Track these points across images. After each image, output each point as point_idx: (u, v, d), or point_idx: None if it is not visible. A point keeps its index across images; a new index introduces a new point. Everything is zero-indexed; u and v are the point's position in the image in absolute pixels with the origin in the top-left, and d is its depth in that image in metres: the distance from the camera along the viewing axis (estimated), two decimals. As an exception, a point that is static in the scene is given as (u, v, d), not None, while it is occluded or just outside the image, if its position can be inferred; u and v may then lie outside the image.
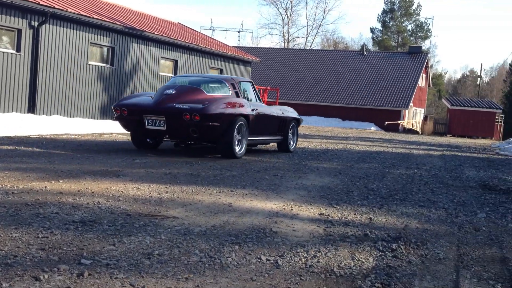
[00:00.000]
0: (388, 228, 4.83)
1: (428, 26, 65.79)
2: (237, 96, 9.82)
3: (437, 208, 6.03)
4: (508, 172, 10.82)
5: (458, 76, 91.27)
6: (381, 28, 67.52)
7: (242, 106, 9.52)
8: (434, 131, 39.51)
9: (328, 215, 5.22)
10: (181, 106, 8.79)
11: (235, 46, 53.07)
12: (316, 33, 67.41)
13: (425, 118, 43.37)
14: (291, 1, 66.94)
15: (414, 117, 41.05)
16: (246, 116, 9.50)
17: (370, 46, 66.48)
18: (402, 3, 65.91)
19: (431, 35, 66.92)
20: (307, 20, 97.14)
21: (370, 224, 4.98)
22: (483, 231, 4.99)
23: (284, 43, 66.11)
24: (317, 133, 23.94)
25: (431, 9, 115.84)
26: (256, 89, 11.01)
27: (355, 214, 5.37)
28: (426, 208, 5.98)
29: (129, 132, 10.17)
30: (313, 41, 68.20)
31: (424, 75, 44.09)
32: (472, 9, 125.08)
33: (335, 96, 39.43)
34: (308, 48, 64.08)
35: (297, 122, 11.89)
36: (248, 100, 10.07)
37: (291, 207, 5.48)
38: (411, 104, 38.09)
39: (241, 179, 7.10)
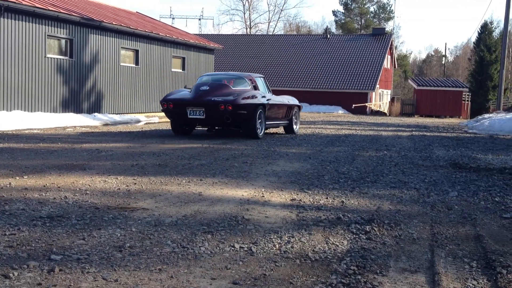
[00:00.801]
0: (361, 211, 4.80)
1: (390, 7, 66.41)
2: (255, 89, 11.97)
3: (409, 188, 6.04)
4: (477, 150, 10.97)
5: (423, 56, 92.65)
6: (343, 11, 67.79)
7: (261, 97, 11.71)
8: (401, 112, 39.99)
9: (300, 200, 5.17)
10: (216, 99, 10.94)
11: (196, 34, 52.58)
12: (278, 18, 67.55)
13: (392, 100, 43.87)
14: (251, -14, 66.62)
15: (381, 99, 41.44)
16: (263, 105, 11.63)
17: (333, 30, 66.75)
18: (364, -15, 66.28)
19: (394, 16, 67.47)
20: (268, 5, 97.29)
21: (342, 207, 4.95)
22: (455, 210, 5.00)
23: (246, 29, 65.82)
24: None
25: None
26: (267, 83, 13.10)
27: (327, 198, 5.33)
28: (397, 189, 5.98)
29: (170, 121, 12.24)
30: (276, 26, 68.21)
31: (389, 57, 44.50)
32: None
33: (301, 80, 39.49)
34: (271, 33, 63.99)
35: (299, 108, 13.95)
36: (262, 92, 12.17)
37: (262, 193, 5.41)
38: (377, 86, 38.42)
39: (210, 168, 7.00)
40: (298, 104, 13.96)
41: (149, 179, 6.00)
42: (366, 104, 37.08)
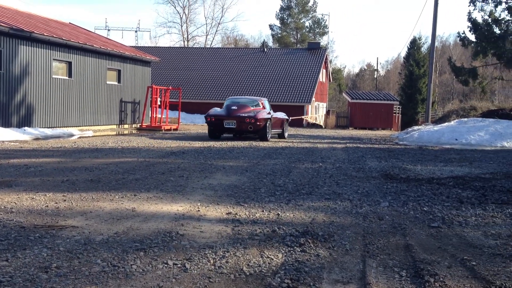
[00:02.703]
0: (296, 223, 4.83)
1: (325, 23, 67.90)
2: (264, 108, 17.37)
3: (343, 200, 6.14)
4: (407, 161, 11.32)
5: (357, 70, 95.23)
6: (280, 25, 68.76)
7: (268, 113, 17.04)
8: (337, 125, 40.83)
9: (236, 214, 5.15)
10: (243, 114, 16.43)
11: (133, 46, 51.86)
12: (216, 31, 67.64)
13: (328, 112, 44.75)
14: (188, 0, 66.49)
15: (317, 111, 42.18)
16: (270, 119, 16.95)
17: (270, 43, 67.55)
18: (299, 0, 67.50)
19: (328, 31, 69.03)
20: (205, 18, 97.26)
21: (278, 220, 4.96)
22: (386, 220, 5.12)
23: (184, 41, 65.55)
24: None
25: (327, 6, 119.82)
26: (269, 103, 18.56)
27: (263, 211, 5.33)
28: (332, 200, 6.07)
29: (208, 129, 17.30)
30: (213, 39, 68.26)
31: (324, 70, 45.43)
32: (366, 6, 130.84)
33: (239, 93, 39.66)
34: (208, 46, 64.03)
35: (287, 120, 19.60)
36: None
37: (198, 208, 5.36)
38: (313, 99, 39.08)
39: (145, 182, 6.87)
40: (287, 118, 19.56)
41: (80, 195, 5.82)
42: (303, 116, 37.63)
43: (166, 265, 3.48)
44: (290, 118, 34.68)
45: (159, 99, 26.46)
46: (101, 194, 5.91)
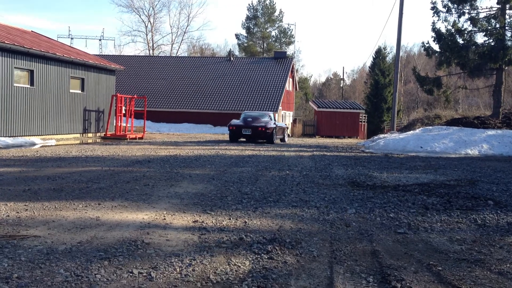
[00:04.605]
0: (263, 231, 4.81)
1: (291, 32, 68.43)
2: (271, 119, 22.63)
3: (310, 207, 6.14)
4: (374, 168, 11.43)
5: (323, 79, 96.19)
6: (246, 35, 68.97)
7: (274, 123, 22.29)
8: (303, 133, 41.06)
9: (203, 222, 5.09)
10: (256, 124, 21.69)
11: (97, 55, 51.22)
12: (182, 40, 67.24)
13: (294, 121, 44.96)
14: (153, 8, 66.28)
15: (284, 120, 42.35)
16: (275, 128, 22.13)
17: (236, 52, 67.64)
18: (265, 10, 67.82)
19: (294, 41, 69.62)
20: (171, 27, 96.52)
21: (245, 228, 4.93)
22: (353, 227, 5.14)
23: (149, 50, 65.04)
24: (189, 139, 23.79)
25: (293, 16, 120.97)
26: (275, 115, 25.68)
27: (229, 219, 5.29)
28: (299, 208, 6.06)
29: (229, 134, 22.45)
30: (179, 48, 67.84)
31: (291, 79, 45.71)
32: (332, 15, 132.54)
33: (206, 102, 39.55)
34: (174, 55, 63.74)
35: (287, 129, 26.02)
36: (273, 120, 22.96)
37: (164, 216, 5.28)
38: (280, 107, 39.24)
39: (109, 191, 6.74)
40: (287, 126, 26.28)
41: (42, 204, 5.67)
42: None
43: (131, 274, 3.41)
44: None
45: (124, 108, 26.17)
46: (64, 203, 5.78)
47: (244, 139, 22.79)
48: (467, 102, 46.31)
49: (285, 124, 26.02)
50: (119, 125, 24.97)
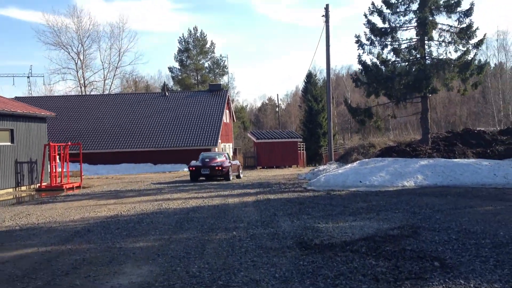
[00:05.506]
0: None
1: (224, 63, 68.85)
2: (226, 158, 25.85)
3: (261, 292, 5.97)
4: (319, 216, 11.46)
5: (259, 104, 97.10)
6: (179, 67, 68.80)
7: (229, 162, 25.58)
8: (245, 165, 41.10)
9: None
10: (213, 164, 24.65)
11: (26, 97, 49.65)
12: (114, 75, 66.03)
13: (235, 151, 44.99)
14: (82, 45, 64.88)
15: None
16: (230, 166, 25.33)
17: (171, 84, 67.28)
18: (196, 42, 68.00)
19: (228, 72, 70.12)
20: (102, 63, 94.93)
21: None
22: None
23: (81, 87, 63.50)
24: (129, 186, 23.21)
25: (225, 46, 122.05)
26: (228, 153, 29.87)
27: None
28: (250, 294, 5.88)
29: (190, 174, 25.12)
30: (112, 83, 66.58)
31: (227, 111, 45.78)
32: (263, 41, 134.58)
33: (143, 140, 38.90)
34: (107, 91, 62.67)
35: (241, 166, 29.23)
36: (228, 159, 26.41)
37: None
38: (219, 141, 39.14)
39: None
40: (240, 164, 29.21)
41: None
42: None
43: None
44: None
45: (57, 157, 25.32)
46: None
47: (203, 178, 25.08)
48: (398, 128, 48.06)
49: (238, 162, 28.94)
50: (54, 174, 24.11)
